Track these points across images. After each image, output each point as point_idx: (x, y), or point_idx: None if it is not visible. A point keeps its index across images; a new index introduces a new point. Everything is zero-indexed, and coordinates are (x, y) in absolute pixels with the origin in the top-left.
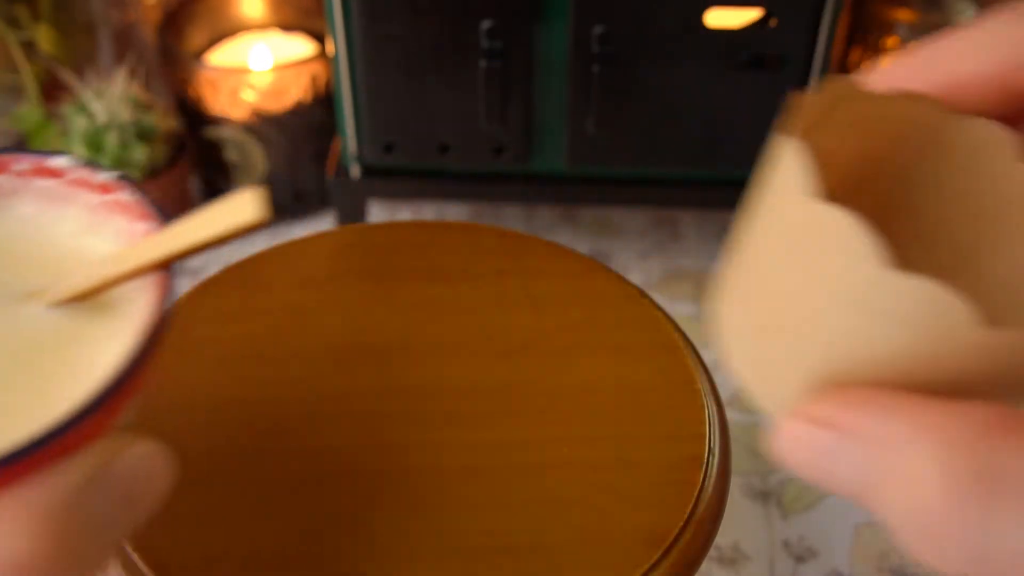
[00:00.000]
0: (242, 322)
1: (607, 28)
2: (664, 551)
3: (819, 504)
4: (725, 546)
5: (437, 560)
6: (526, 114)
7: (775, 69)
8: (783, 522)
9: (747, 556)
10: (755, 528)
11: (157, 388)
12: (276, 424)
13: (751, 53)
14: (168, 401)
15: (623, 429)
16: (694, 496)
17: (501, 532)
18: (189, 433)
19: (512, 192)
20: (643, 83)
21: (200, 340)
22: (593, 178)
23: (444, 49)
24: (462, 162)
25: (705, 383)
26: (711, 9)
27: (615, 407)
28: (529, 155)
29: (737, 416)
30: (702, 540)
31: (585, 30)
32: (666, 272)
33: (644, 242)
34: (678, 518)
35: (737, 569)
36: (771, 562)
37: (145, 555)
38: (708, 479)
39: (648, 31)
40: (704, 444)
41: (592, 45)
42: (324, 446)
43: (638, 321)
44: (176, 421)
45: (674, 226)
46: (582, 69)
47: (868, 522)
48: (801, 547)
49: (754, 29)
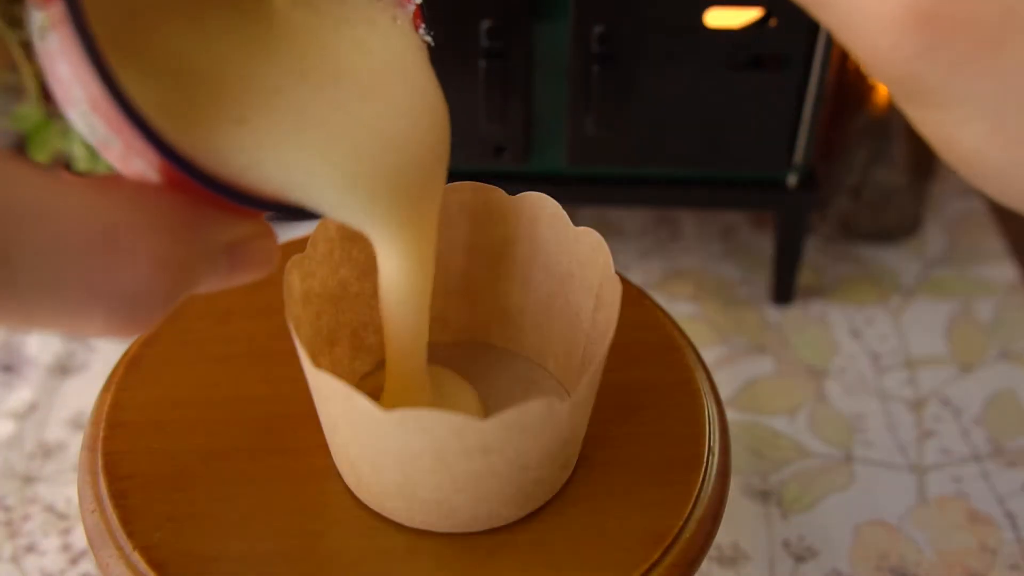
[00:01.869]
0: (243, 320)
1: (607, 28)
2: (664, 551)
3: (819, 504)
4: (725, 546)
5: (437, 559)
6: (526, 114)
7: (775, 69)
8: (783, 522)
9: (747, 556)
10: (755, 528)
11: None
12: (276, 423)
13: (751, 53)
14: (168, 400)
15: (623, 429)
16: (694, 496)
17: (501, 530)
18: (189, 432)
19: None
20: (643, 83)
21: (200, 338)
22: (593, 178)
23: (444, 49)
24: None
25: (705, 383)
26: (711, 9)
27: (615, 407)
28: (529, 155)
29: (737, 416)
30: (702, 540)
31: (585, 30)
32: (666, 272)
33: (644, 242)
34: (678, 518)
35: (737, 569)
36: (771, 562)
37: (145, 554)
38: (708, 479)
39: (648, 31)
40: (704, 444)
41: (592, 45)
42: (325, 445)
43: (638, 321)
44: (176, 420)
45: (674, 226)
46: (582, 69)
47: (868, 522)
48: (801, 547)
49: (754, 29)
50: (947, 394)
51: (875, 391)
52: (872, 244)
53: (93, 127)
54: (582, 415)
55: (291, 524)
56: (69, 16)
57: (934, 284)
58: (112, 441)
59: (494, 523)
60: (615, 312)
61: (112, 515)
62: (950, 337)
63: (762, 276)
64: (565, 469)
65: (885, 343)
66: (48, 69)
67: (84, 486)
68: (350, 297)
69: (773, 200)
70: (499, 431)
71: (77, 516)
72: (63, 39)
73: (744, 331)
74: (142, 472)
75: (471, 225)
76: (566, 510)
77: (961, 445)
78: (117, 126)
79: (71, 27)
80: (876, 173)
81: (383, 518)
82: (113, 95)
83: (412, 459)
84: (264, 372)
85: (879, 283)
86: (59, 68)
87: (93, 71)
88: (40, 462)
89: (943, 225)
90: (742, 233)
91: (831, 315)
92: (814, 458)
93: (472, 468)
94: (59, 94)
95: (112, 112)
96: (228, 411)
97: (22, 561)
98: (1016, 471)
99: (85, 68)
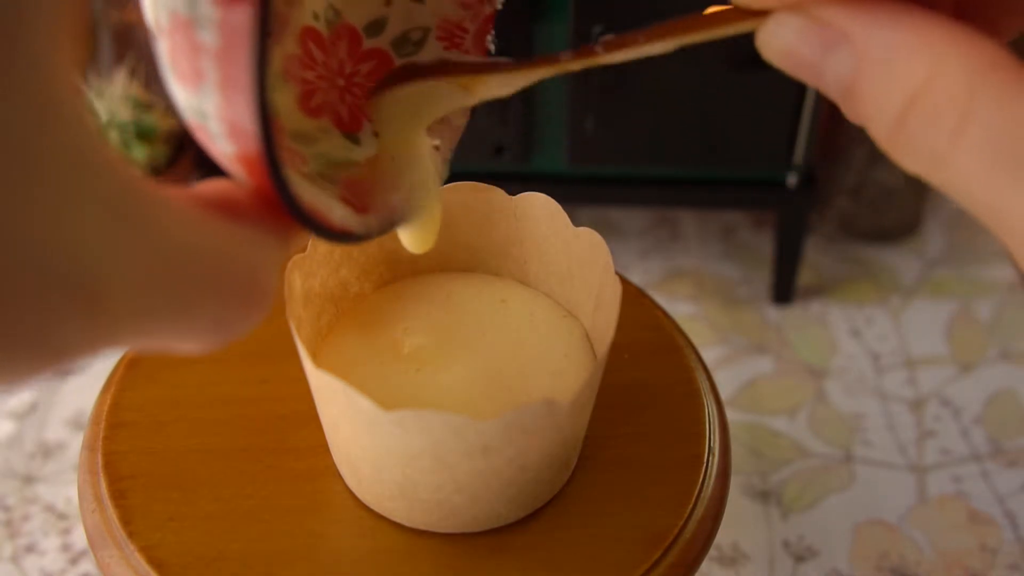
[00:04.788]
0: None
1: (607, 28)
2: (664, 550)
3: (819, 504)
4: (725, 546)
5: (438, 558)
6: (526, 114)
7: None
8: (783, 522)
9: (747, 556)
10: (755, 528)
11: (157, 387)
12: (276, 423)
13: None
14: (168, 400)
15: (623, 429)
16: (694, 496)
17: (501, 531)
18: (189, 432)
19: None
20: (643, 83)
21: None
22: (593, 178)
23: None
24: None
25: (705, 383)
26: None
27: (615, 407)
28: (529, 155)
29: (737, 416)
30: (702, 539)
31: (585, 30)
32: (666, 272)
33: (644, 242)
34: (678, 518)
35: (737, 569)
36: (771, 562)
37: (145, 554)
38: (708, 479)
39: None
40: (704, 444)
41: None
42: (325, 445)
43: (638, 321)
44: (176, 420)
45: (674, 226)
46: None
47: (868, 522)
48: (801, 547)
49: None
50: (947, 394)
51: (875, 391)
52: (872, 244)
53: (207, 117)
54: (582, 415)
55: (291, 524)
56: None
57: (934, 284)
58: (112, 441)
59: (494, 523)
60: (615, 312)
61: (112, 515)
62: (950, 337)
63: (762, 276)
64: (565, 469)
65: (885, 343)
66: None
67: (84, 486)
68: (350, 297)
69: (773, 200)
70: (499, 431)
71: (77, 516)
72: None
73: (744, 331)
74: (142, 472)
75: (471, 225)
76: (566, 510)
77: (961, 445)
78: (241, 134)
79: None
80: (876, 173)
81: (383, 518)
82: (261, 121)
83: (412, 459)
84: (264, 372)
85: (879, 283)
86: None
87: (255, 96)
88: (40, 462)
89: (943, 225)
90: (742, 233)
91: (831, 315)
92: (814, 458)
93: (472, 468)
94: (183, 75)
95: (250, 128)
96: (228, 411)
97: (22, 561)
98: (1016, 471)
99: (248, 89)
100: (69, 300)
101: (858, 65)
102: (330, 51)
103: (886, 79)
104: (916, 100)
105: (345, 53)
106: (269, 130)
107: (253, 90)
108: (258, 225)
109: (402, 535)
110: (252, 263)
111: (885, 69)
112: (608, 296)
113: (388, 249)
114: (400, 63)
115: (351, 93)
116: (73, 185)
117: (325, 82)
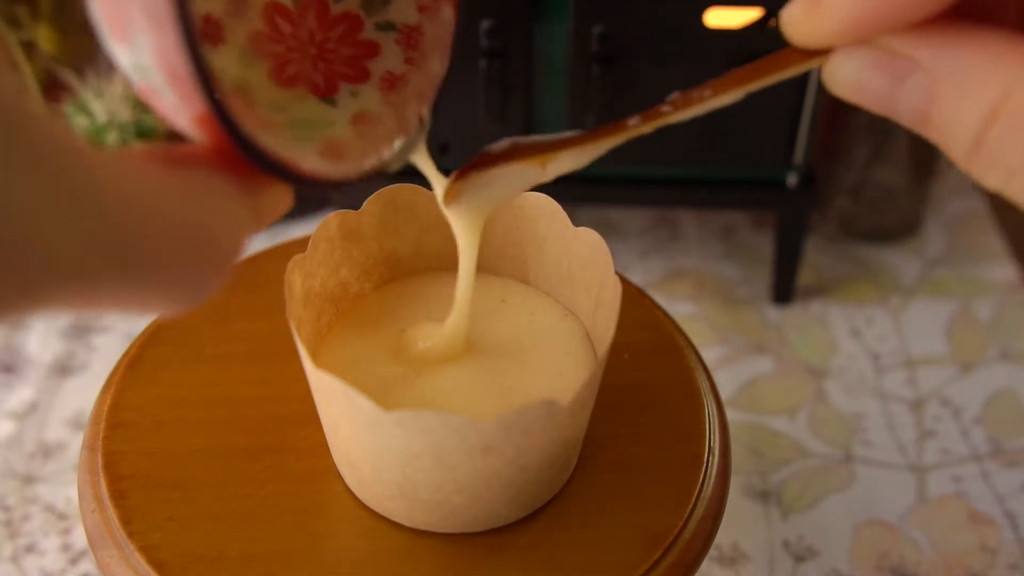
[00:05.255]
0: (243, 320)
1: (607, 28)
2: (664, 550)
3: (819, 504)
4: (725, 546)
5: (438, 558)
6: (526, 114)
7: None
8: (783, 522)
9: (747, 556)
10: (755, 528)
11: (157, 387)
12: (276, 423)
13: (751, 53)
14: (168, 400)
15: (623, 429)
16: (694, 496)
17: (501, 531)
18: (189, 432)
19: None
20: (643, 83)
21: (200, 338)
22: (593, 178)
23: None
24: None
25: (705, 383)
26: (711, 9)
27: (615, 407)
28: None
29: (737, 416)
30: (702, 540)
31: (585, 30)
32: (666, 272)
33: (644, 242)
34: (678, 518)
35: (737, 569)
36: (771, 562)
37: (145, 554)
38: (708, 479)
39: (648, 31)
40: (704, 444)
41: (592, 45)
42: (325, 445)
43: (638, 321)
44: (176, 420)
45: (674, 226)
46: (582, 69)
47: (868, 522)
48: (801, 547)
49: (754, 29)
50: (947, 394)
51: (875, 391)
52: (872, 244)
53: (147, 71)
54: (582, 415)
55: (291, 524)
56: None
57: (934, 284)
58: (112, 441)
59: (494, 523)
60: (615, 312)
61: (112, 515)
62: (950, 337)
63: (762, 276)
64: (565, 469)
65: (885, 343)
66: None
67: (84, 486)
68: (350, 297)
69: (773, 200)
70: (500, 431)
71: (77, 516)
72: None
73: (744, 331)
74: (142, 472)
75: None
76: (566, 510)
77: (961, 445)
78: (179, 78)
79: None
80: (876, 173)
81: (383, 518)
82: (191, 51)
83: (412, 459)
84: (264, 372)
85: (879, 283)
86: (131, 8)
87: (179, 25)
88: (40, 462)
89: (943, 225)
90: (742, 233)
91: (831, 315)
92: (814, 458)
93: (472, 468)
94: (116, 30)
95: (183, 66)
96: (228, 411)
97: (22, 561)
98: (1016, 471)
99: (170, 16)
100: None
101: (932, 90)
102: (298, 22)
103: (962, 100)
104: (994, 116)
105: (314, 22)
106: (202, 61)
107: (174, 12)
108: (215, 178)
109: (402, 535)
110: (208, 222)
111: (960, 91)
112: (608, 296)
113: (388, 249)
114: (372, 32)
115: (324, 60)
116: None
117: (297, 53)
